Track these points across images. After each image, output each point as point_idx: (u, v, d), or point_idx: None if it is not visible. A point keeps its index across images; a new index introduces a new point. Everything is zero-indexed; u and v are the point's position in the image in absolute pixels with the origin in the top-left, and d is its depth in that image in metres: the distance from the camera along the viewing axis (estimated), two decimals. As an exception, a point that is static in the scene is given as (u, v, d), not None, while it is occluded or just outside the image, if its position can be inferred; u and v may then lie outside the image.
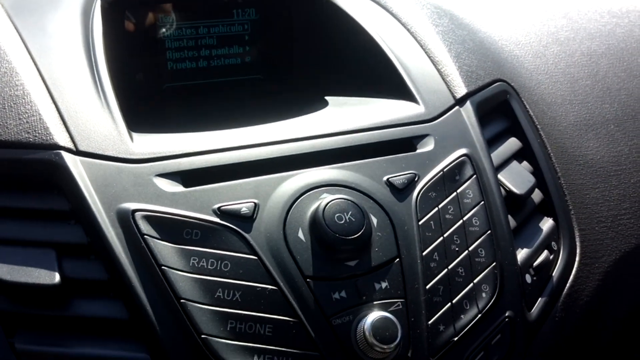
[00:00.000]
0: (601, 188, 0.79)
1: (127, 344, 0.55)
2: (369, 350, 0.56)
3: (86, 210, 0.58)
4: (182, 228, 0.58)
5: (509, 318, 0.63)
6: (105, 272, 0.57)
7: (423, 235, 0.62)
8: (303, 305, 0.57)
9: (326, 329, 0.57)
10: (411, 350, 0.58)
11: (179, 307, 0.55)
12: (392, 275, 0.60)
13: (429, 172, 0.66)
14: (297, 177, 0.63)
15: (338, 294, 0.58)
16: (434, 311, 0.60)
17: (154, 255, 0.56)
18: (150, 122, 0.69)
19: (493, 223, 0.66)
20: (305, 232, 0.59)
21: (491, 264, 0.63)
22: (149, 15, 0.79)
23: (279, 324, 0.56)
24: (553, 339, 0.67)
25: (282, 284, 0.57)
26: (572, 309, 0.69)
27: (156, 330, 0.54)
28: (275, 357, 0.55)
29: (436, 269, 0.61)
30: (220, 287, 0.56)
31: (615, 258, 0.75)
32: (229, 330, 0.55)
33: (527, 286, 0.66)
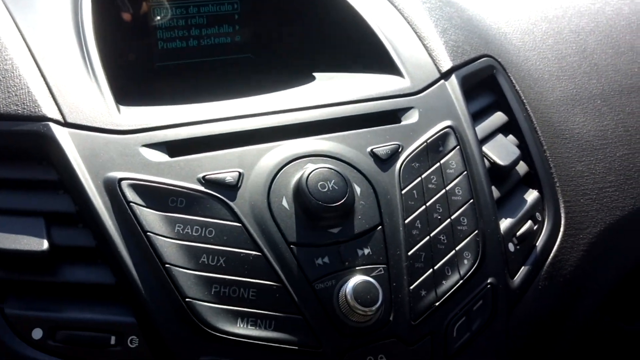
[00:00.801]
0: (587, 161, 0.80)
1: (114, 308, 0.57)
2: (350, 314, 0.57)
3: (74, 179, 0.59)
4: (167, 196, 0.59)
5: (491, 285, 0.64)
6: (93, 239, 0.58)
7: (406, 204, 0.63)
8: (286, 270, 0.58)
9: (309, 294, 0.58)
10: (393, 315, 0.59)
11: (163, 272, 0.56)
12: (375, 242, 0.61)
13: (413, 143, 0.67)
14: (281, 147, 0.64)
15: (321, 259, 0.59)
16: (415, 277, 0.61)
17: (139, 222, 0.57)
18: (140, 98, 0.70)
19: (476, 192, 0.66)
20: (289, 201, 0.60)
21: (473, 231, 0.64)
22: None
23: (262, 288, 0.57)
24: (536, 307, 0.67)
25: (265, 250, 0.58)
26: (555, 279, 0.70)
27: (142, 294, 0.56)
28: (259, 320, 0.56)
29: (418, 236, 0.62)
30: (205, 252, 0.57)
31: (599, 230, 0.76)
32: (213, 294, 0.56)
33: (510, 254, 0.67)
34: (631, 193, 0.80)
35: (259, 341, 0.55)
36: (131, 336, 0.55)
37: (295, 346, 0.56)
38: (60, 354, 0.55)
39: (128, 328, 0.56)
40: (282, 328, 0.56)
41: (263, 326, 0.56)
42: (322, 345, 0.57)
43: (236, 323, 0.56)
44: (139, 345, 0.55)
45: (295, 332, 0.57)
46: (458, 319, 0.61)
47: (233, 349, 0.55)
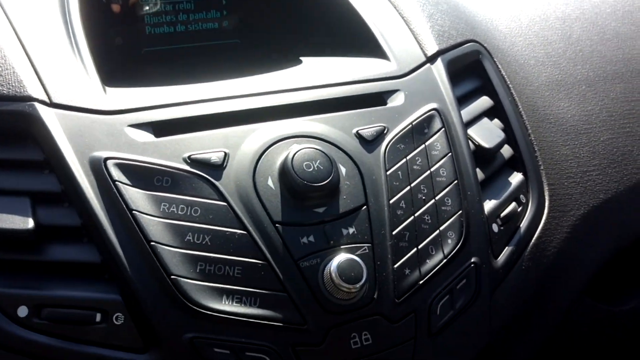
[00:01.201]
0: (571, 145, 0.81)
1: (99, 286, 0.57)
2: (335, 291, 0.58)
3: (59, 159, 0.59)
4: (152, 175, 0.59)
5: (475, 264, 0.64)
6: (78, 217, 0.58)
7: (390, 185, 0.64)
8: (272, 248, 0.58)
9: (294, 272, 0.58)
10: (377, 292, 0.60)
11: (149, 250, 0.56)
12: (359, 221, 0.61)
13: (398, 125, 0.67)
14: (267, 128, 0.64)
15: (306, 238, 0.59)
16: (399, 256, 0.61)
17: (125, 200, 0.57)
18: (126, 81, 0.70)
19: (460, 173, 0.67)
20: (275, 180, 0.61)
21: (457, 212, 0.65)
22: (125, -22, 0.80)
23: (247, 266, 0.57)
24: (519, 287, 0.68)
25: (251, 228, 0.59)
26: (539, 260, 0.71)
27: (127, 271, 0.56)
28: (244, 297, 0.57)
29: (403, 216, 0.63)
30: (190, 231, 0.58)
31: (583, 212, 0.77)
32: (199, 272, 0.56)
33: (493, 235, 0.68)
34: (615, 176, 0.81)
35: (244, 318, 0.56)
36: (116, 313, 0.56)
37: (280, 323, 0.57)
38: (45, 331, 0.55)
39: (113, 305, 0.56)
40: (267, 305, 0.57)
41: (248, 303, 0.57)
42: (306, 321, 0.57)
43: (221, 300, 0.56)
44: (124, 323, 0.56)
45: (280, 309, 0.57)
46: (442, 297, 0.62)
47: (218, 325, 0.56)
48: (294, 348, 0.57)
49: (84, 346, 0.55)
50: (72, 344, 0.55)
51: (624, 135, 0.84)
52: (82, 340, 0.55)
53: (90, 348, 0.55)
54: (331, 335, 0.58)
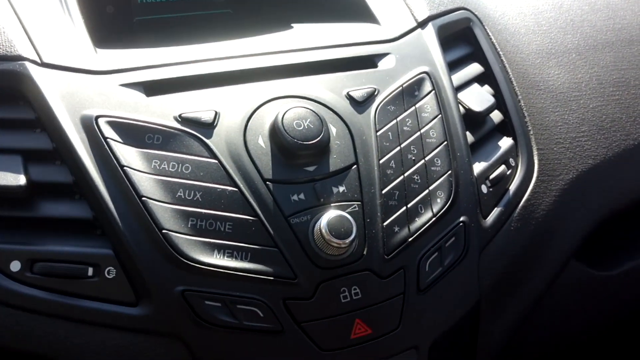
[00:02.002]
0: (561, 112, 0.81)
1: (91, 242, 0.57)
2: (325, 247, 0.58)
3: (51, 117, 0.59)
4: (143, 133, 0.59)
5: (464, 223, 0.65)
6: (70, 175, 0.59)
7: (380, 145, 0.64)
8: (262, 205, 0.59)
9: (285, 228, 0.59)
10: (366, 249, 0.60)
11: (140, 204, 0.57)
12: (350, 180, 0.62)
13: (389, 87, 0.68)
14: (258, 88, 0.64)
15: (297, 196, 0.60)
16: (389, 214, 0.62)
17: (116, 157, 0.58)
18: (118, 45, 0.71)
19: (450, 135, 0.68)
20: (265, 139, 0.61)
21: (447, 172, 0.66)
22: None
23: (238, 222, 0.58)
24: (507, 247, 0.69)
25: (241, 185, 0.59)
26: (528, 221, 0.71)
27: (118, 226, 0.56)
28: (235, 252, 0.57)
29: (392, 176, 0.64)
30: (181, 187, 0.58)
31: (572, 177, 0.77)
32: (190, 227, 0.57)
33: (482, 196, 0.69)
34: (603, 143, 0.81)
35: (235, 271, 0.57)
36: (108, 267, 0.56)
37: (271, 277, 0.57)
38: (37, 285, 0.56)
39: (105, 260, 0.56)
40: (258, 259, 0.58)
41: (239, 257, 0.57)
42: (297, 276, 0.58)
43: (212, 254, 0.57)
44: (115, 277, 0.56)
45: (270, 264, 0.58)
46: (430, 254, 0.63)
47: (209, 279, 0.56)
48: (284, 301, 0.57)
49: (76, 299, 0.56)
50: (64, 297, 0.56)
51: (613, 103, 0.85)
52: (74, 293, 0.56)
53: (82, 301, 0.56)
54: (321, 289, 0.58)
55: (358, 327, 0.59)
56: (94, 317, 0.56)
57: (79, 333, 0.55)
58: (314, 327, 0.58)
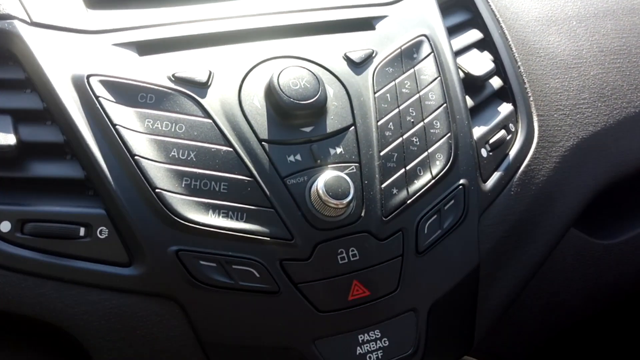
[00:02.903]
0: (561, 79, 0.80)
1: (83, 202, 0.56)
2: (322, 207, 0.57)
3: (41, 77, 0.58)
4: (136, 92, 0.58)
5: (463, 186, 0.64)
6: (61, 134, 0.57)
7: (379, 106, 0.63)
8: (258, 166, 0.58)
9: (281, 188, 0.58)
10: (364, 210, 0.59)
11: (132, 163, 0.55)
12: (347, 141, 0.61)
13: (387, 49, 0.67)
14: (253, 48, 0.63)
15: (293, 157, 0.59)
16: (387, 175, 0.61)
17: (108, 116, 0.56)
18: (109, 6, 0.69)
19: (449, 98, 0.67)
20: (261, 99, 0.60)
21: (446, 134, 0.65)
22: None
23: (233, 182, 0.57)
24: (507, 211, 0.68)
25: (236, 145, 0.58)
26: (528, 186, 0.70)
27: (111, 185, 0.55)
28: (230, 212, 0.56)
29: (391, 138, 0.62)
30: (175, 147, 0.57)
31: (573, 144, 0.76)
32: (184, 187, 0.56)
33: (482, 159, 0.68)
34: (604, 110, 0.80)
35: (231, 232, 0.55)
36: (100, 227, 0.55)
37: (267, 237, 0.56)
38: (28, 246, 0.55)
39: (97, 219, 0.55)
40: (254, 220, 0.56)
41: (234, 218, 0.56)
42: (293, 237, 0.57)
43: (207, 214, 0.55)
44: (108, 236, 0.55)
45: (267, 224, 0.57)
46: (429, 217, 0.62)
47: (204, 239, 0.55)
48: (281, 262, 0.56)
49: (67, 260, 0.55)
50: (55, 258, 0.54)
51: (614, 70, 0.84)
52: (66, 254, 0.55)
53: (74, 262, 0.55)
54: (318, 250, 0.57)
55: (356, 288, 0.58)
56: (86, 278, 0.54)
57: (70, 294, 0.54)
58: (311, 288, 0.57)
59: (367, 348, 0.59)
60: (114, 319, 0.54)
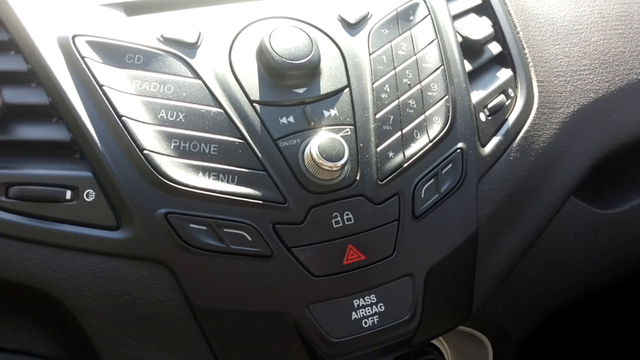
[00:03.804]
0: (561, 45, 0.78)
1: (70, 164, 0.55)
2: (316, 170, 0.56)
3: (25, 38, 0.56)
4: (123, 53, 0.56)
5: (461, 149, 0.62)
6: (47, 96, 0.56)
7: (374, 68, 0.61)
8: (249, 127, 0.56)
9: (273, 151, 0.56)
10: (359, 174, 0.58)
11: (120, 124, 0.54)
12: (342, 103, 0.59)
13: (383, 11, 0.65)
14: (244, 9, 0.61)
15: (285, 118, 0.57)
16: (383, 139, 0.59)
17: (94, 76, 0.55)
18: None
19: (447, 60, 0.65)
20: (252, 59, 0.58)
21: (443, 97, 0.63)
22: None
23: (224, 144, 0.55)
24: (506, 177, 0.66)
25: (227, 107, 0.56)
26: (527, 152, 0.69)
27: (97, 147, 0.53)
28: (221, 174, 0.55)
29: (387, 100, 0.61)
30: (163, 108, 0.55)
31: (573, 110, 0.74)
32: (173, 148, 0.54)
33: (480, 123, 0.66)
34: (606, 77, 0.78)
35: (222, 194, 0.54)
36: (87, 190, 0.53)
37: (260, 200, 0.55)
38: (13, 210, 0.53)
39: (84, 182, 0.54)
40: (245, 183, 0.55)
41: (225, 180, 0.54)
42: (287, 200, 0.55)
43: (197, 176, 0.54)
44: (95, 200, 0.53)
45: (259, 187, 0.55)
46: (426, 181, 0.60)
47: (194, 202, 0.53)
48: (274, 226, 0.55)
49: (53, 224, 0.53)
50: (41, 222, 0.53)
51: (616, 36, 0.82)
52: (52, 218, 0.53)
53: (61, 226, 0.53)
54: (312, 214, 0.56)
55: (351, 253, 0.57)
56: (73, 241, 0.53)
57: (56, 259, 0.53)
58: (304, 253, 0.55)
59: (363, 313, 0.57)
60: (102, 283, 0.53)
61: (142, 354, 0.54)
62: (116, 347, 0.54)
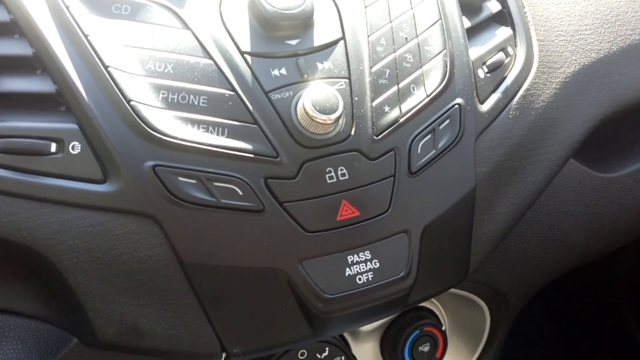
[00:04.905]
0: (563, 4, 0.76)
1: (54, 117, 0.53)
2: (309, 124, 0.54)
3: None
4: (110, 3, 0.54)
5: (459, 105, 0.61)
6: (30, 47, 0.54)
7: (370, 20, 0.60)
8: (240, 79, 0.54)
9: (264, 103, 0.54)
10: (354, 129, 0.56)
11: (106, 74, 0.52)
12: (336, 55, 0.57)
13: None
14: None
15: (277, 70, 0.55)
16: (379, 93, 0.58)
17: (79, 26, 0.53)
18: None
19: (444, 15, 0.63)
20: (243, 10, 0.56)
21: (441, 51, 0.61)
22: None
23: (214, 96, 0.53)
24: (506, 135, 0.65)
25: (216, 58, 0.54)
26: (526, 111, 0.67)
27: (83, 98, 0.52)
28: (211, 127, 0.53)
29: (383, 53, 0.59)
30: (151, 58, 0.53)
31: (574, 70, 0.73)
32: (161, 100, 0.52)
33: (479, 80, 0.64)
34: (608, 37, 0.76)
35: (211, 147, 0.52)
36: (73, 142, 0.52)
37: (251, 154, 0.53)
38: None
39: (69, 134, 0.52)
40: (236, 136, 0.53)
41: (215, 133, 0.53)
42: (279, 154, 0.54)
43: (186, 128, 0.52)
44: (81, 152, 0.52)
45: (250, 141, 0.53)
46: (423, 136, 0.58)
47: (182, 155, 0.52)
48: (265, 180, 0.53)
49: (39, 177, 0.51)
50: (25, 175, 0.51)
51: (618, -4, 0.80)
52: (37, 171, 0.51)
53: (46, 179, 0.51)
54: (305, 169, 0.54)
55: (345, 208, 0.55)
56: (58, 195, 0.51)
57: (41, 213, 0.51)
58: (297, 208, 0.54)
59: (357, 269, 0.56)
60: (89, 238, 0.51)
61: (130, 310, 0.53)
62: (103, 304, 0.52)
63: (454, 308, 0.83)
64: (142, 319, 0.53)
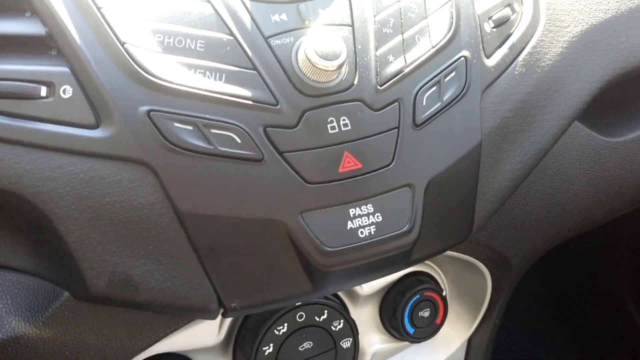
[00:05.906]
0: (570, -38, 0.74)
1: (45, 60, 0.50)
2: (310, 71, 0.52)
3: None
4: (102, -58, 0.52)
5: (465, 57, 0.59)
6: None
7: None
8: (238, 23, 0.52)
9: (264, 49, 0.52)
10: (357, 78, 0.54)
11: (98, 16, 0.49)
12: (338, 2, 0.55)
13: None
14: None
15: (278, 16, 0.53)
16: (383, 41, 0.56)
17: (69, -36, 0.50)
18: None
19: None
20: None
21: (447, 2, 0.59)
22: None
23: (211, 40, 0.51)
24: (511, 91, 0.63)
25: (214, 1, 0.52)
26: (533, 68, 0.65)
27: (75, 40, 0.49)
28: (208, 72, 0.51)
29: (387, 2, 0.57)
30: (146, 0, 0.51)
31: (581, 29, 0.71)
32: (156, 43, 0.50)
33: (485, 34, 0.62)
34: (615, -4, 0.75)
35: (209, 93, 0.50)
36: (64, 86, 0.49)
37: (249, 101, 0.51)
38: None
39: (60, 77, 0.49)
40: (234, 82, 0.51)
41: (213, 78, 0.51)
42: (278, 102, 0.52)
43: (182, 73, 0.50)
44: (72, 96, 0.49)
45: (249, 87, 0.51)
46: (428, 88, 0.56)
47: (178, 100, 0.50)
48: (265, 129, 0.51)
49: (28, 122, 0.49)
50: (13, 120, 0.49)
51: (627, -45, 0.78)
52: (26, 116, 0.49)
53: (36, 124, 0.49)
54: (306, 118, 0.52)
55: (347, 160, 0.53)
56: (49, 140, 0.49)
57: (31, 159, 0.49)
58: (298, 158, 0.52)
59: (359, 223, 0.54)
60: (80, 185, 0.49)
61: (123, 261, 0.51)
62: (95, 254, 0.50)
63: (454, 273, 0.81)
64: (135, 270, 0.51)
